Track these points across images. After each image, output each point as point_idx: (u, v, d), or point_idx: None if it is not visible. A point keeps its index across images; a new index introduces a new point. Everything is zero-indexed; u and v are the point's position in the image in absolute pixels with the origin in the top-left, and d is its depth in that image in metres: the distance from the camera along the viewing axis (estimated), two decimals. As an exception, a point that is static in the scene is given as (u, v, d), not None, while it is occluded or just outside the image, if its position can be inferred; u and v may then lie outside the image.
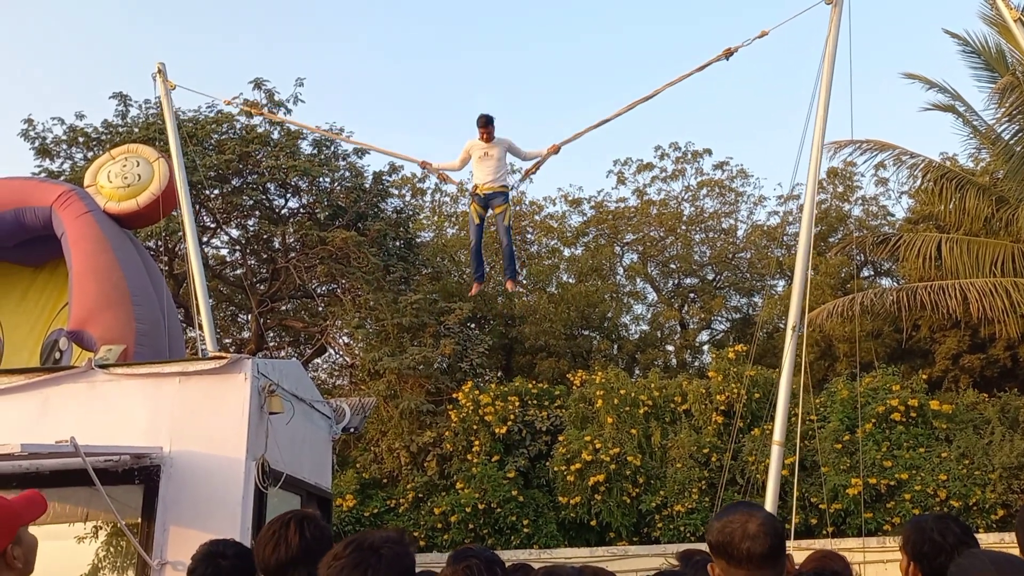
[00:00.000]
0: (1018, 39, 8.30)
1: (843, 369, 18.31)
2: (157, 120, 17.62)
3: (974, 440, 14.20)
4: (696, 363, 24.22)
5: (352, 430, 8.64)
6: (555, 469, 15.25)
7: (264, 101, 18.86)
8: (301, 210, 19.77)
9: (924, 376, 15.94)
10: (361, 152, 19.70)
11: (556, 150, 9.26)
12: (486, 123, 9.03)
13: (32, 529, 2.80)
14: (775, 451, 7.31)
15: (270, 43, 50.30)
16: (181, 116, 17.02)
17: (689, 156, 25.96)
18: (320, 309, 20.69)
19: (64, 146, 18.64)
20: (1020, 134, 15.06)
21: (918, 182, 17.23)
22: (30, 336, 10.29)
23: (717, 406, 15.41)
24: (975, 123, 16.17)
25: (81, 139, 18.49)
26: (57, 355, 9.70)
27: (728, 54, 8.36)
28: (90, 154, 17.74)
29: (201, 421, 5.95)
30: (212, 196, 18.57)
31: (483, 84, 50.29)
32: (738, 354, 16.02)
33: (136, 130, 17.76)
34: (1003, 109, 14.81)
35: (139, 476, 5.84)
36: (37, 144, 18.54)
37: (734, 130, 45.63)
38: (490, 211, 9.57)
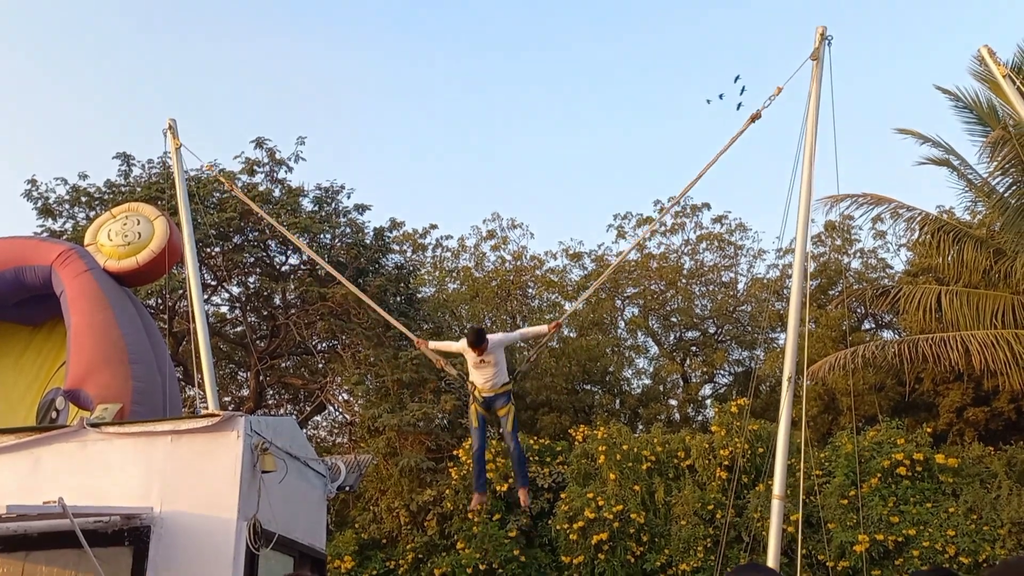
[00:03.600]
0: (1008, 94, 8.44)
1: (847, 423, 18.13)
2: (160, 180, 17.83)
3: (981, 494, 13.99)
4: (699, 417, 24.01)
5: (348, 488, 8.53)
6: (557, 527, 15.03)
7: (266, 159, 19.10)
8: (301, 267, 19.83)
9: (928, 429, 15.77)
10: (362, 208, 19.86)
11: (558, 326, 8.94)
12: (477, 342, 8.25)
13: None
14: (775, 505, 7.20)
15: (272, 103, 51.11)
16: (184, 175, 17.18)
17: (688, 210, 26.13)
18: (320, 366, 20.63)
19: (66, 206, 18.79)
20: (1014, 187, 15.15)
21: (915, 235, 17.27)
22: (27, 396, 10.23)
23: (721, 461, 15.23)
24: (970, 176, 16.27)
25: (84, 199, 18.64)
26: (54, 414, 9.62)
27: (755, 118, 8.34)
28: (92, 213, 17.87)
29: (193, 480, 5.88)
30: (213, 253, 18.66)
31: (481, 138, 50.93)
32: (741, 408, 15.90)
33: (139, 189, 17.92)
34: (996, 162, 14.92)
35: (129, 538, 5.75)
36: (40, 204, 18.69)
37: (732, 184, 46.08)
38: (493, 410, 8.66)
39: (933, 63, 45.30)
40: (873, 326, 23.80)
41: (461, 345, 8.64)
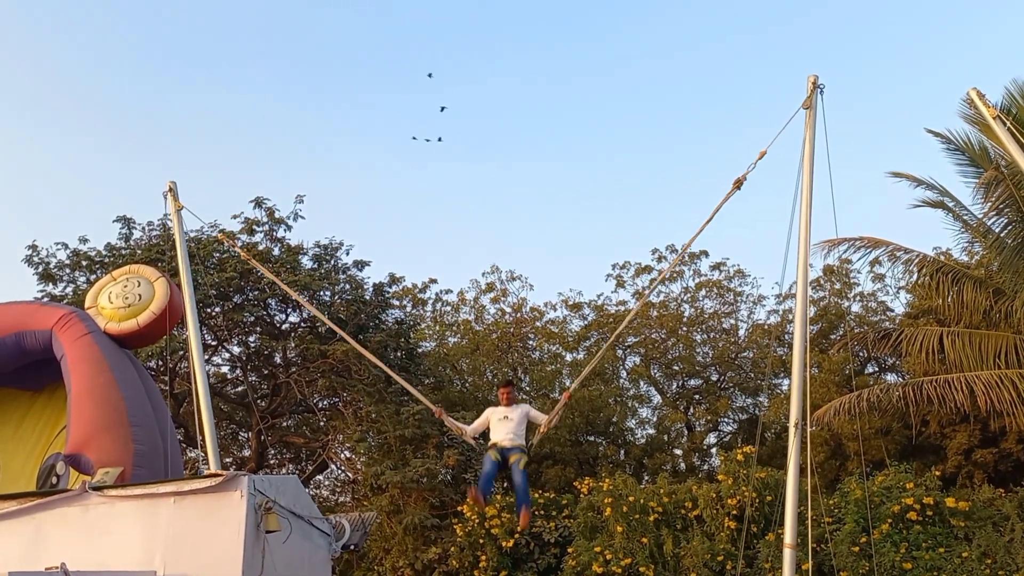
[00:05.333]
0: (999, 135, 8.54)
1: (854, 468, 17.93)
2: (160, 242, 17.94)
3: (994, 538, 13.77)
4: (705, 466, 23.75)
5: (352, 547, 8.40)
6: (565, 583, 14.77)
7: (265, 218, 19.23)
8: (302, 324, 19.84)
9: (937, 472, 15.60)
10: (361, 264, 19.94)
11: (570, 397, 9.73)
12: (507, 384, 9.25)
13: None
14: (787, 555, 7.09)
15: (271, 162, 51.66)
16: (184, 236, 17.28)
17: (686, 258, 26.19)
18: (321, 424, 20.48)
19: (67, 270, 18.85)
20: (1010, 226, 15.23)
21: (914, 277, 17.30)
22: (28, 462, 10.15)
23: (729, 511, 15.02)
24: (965, 217, 16.36)
25: (84, 263, 18.71)
26: (54, 480, 9.54)
27: (739, 184, 8.42)
28: (93, 277, 17.92)
29: (196, 542, 5.80)
30: (214, 314, 18.67)
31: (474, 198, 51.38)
32: (747, 456, 15.74)
33: (139, 252, 18.00)
34: (990, 203, 15.03)
35: (132, 603, 5.65)
36: (41, 269, 18.74)
37: (729, 230, 46.34)
38: (507, 458, 9.05)
39: (924, 106, 45.98)
40: (876, 369, 23.70)
41: (486, 413, 9.27)
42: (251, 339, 20.12)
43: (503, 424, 8.98)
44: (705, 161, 49.94)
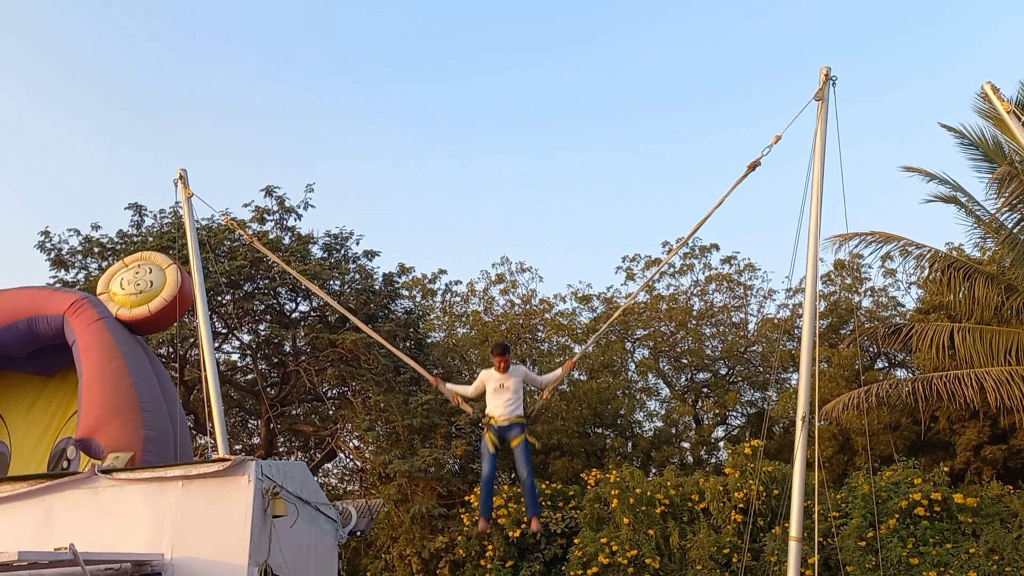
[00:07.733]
0: (1013, 129, 8.50)
1: (862, 463, 17.89)
2: (171, 229, 18.00)
3: (1002, 534, 13.74)
4: (712, 459, 23.73)
5: (359, 534, 8.45)
6: (572, 574, 14.81)
7: (275, 207, 19.28)
8: (312, 313, 19.89)
9: (946, 468, 15.56)
10: (371, 254, 19.98)
11: (573, 365, 8.95)
12: (502, 352, 8.53)
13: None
14: (793, 547, 7.09)
15: (282, 152, 51.77)
16: (195, 224, 17.33)
17: (697, 251, 26.12)
18: (330, 412, 20.55)
19: (79, 256, 18.94)
20: (1023, 222, 15.14)
21: (926, 272, 17.22)
22: (39, 446, 10.25)
23: (736, 504, 15.03)
24: (978, 212, 16.27)
25: (96, 249, 18.80)
26: (65, 464, 9.64)
27: (753, 167, 8.36)
28: (105, 264, 17.99)
29: (203, 525, 5.86)
30: (224, 302, 18.75)
31: (486, 189, 51.37)
32: (755, 449, 15.74)
33: (151, 239, 18.07)
34: (1003, 198, 14.94)
35: (140, 585, 5.71)
36: (53, 255, 18.84)
37: (740, 224, 46.21)
38: (507, 441, 8.57)
39: (937, 100, 45.68)
40: (886, 365, 23.59)
41: (481, 376, 8.74)
42: (261, 327, 20.20)
43: (499, 394, 8.45)
44: (716, 154, 49.79)
